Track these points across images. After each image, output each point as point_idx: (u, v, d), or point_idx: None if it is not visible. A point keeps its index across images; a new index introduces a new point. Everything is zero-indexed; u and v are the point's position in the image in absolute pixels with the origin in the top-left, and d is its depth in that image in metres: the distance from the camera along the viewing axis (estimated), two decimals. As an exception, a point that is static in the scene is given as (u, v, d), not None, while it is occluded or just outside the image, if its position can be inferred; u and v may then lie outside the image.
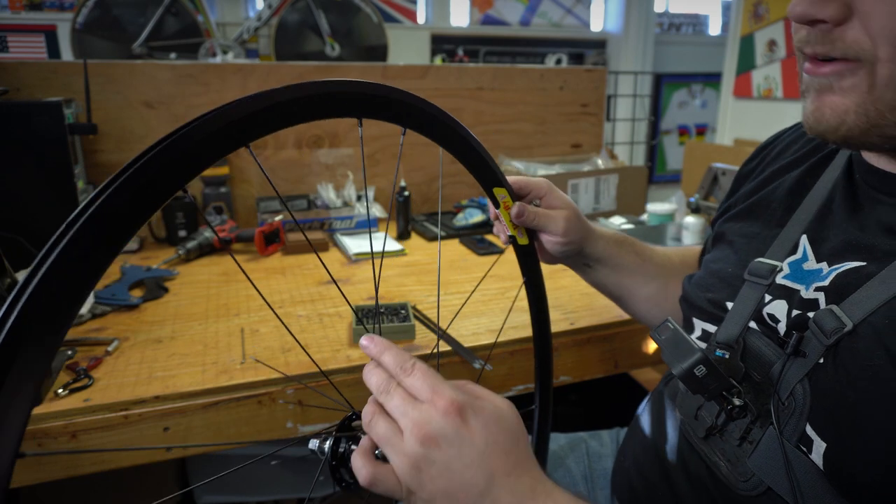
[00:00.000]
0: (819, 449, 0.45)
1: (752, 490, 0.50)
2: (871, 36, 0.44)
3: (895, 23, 0.43)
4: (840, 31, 0.45)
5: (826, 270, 0.52)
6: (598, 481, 0.81)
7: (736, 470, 0.52)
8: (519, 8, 4.03)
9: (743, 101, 2.99)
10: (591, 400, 1.52)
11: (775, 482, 0.48)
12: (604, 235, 0.75)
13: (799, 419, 0.47)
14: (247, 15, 3.38)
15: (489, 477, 0.42)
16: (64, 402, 0.73)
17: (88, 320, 0.97)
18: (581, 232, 0.70)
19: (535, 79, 1.76)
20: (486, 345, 0.90)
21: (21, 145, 1.15)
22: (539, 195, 0.69)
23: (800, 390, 0.47)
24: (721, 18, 4.51)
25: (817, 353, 0.47)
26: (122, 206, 0.34)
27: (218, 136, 0.38)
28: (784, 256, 0.56)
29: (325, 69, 1.54)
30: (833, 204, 0.56)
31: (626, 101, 3.89)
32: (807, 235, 0.56)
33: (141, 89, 1.39)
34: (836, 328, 0.46)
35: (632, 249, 0.77)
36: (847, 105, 0.46)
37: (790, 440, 0.47)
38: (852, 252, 0.51)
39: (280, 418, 0.80)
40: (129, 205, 0.34)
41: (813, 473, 0.46)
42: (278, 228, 1.34)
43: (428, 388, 0.43)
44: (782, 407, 0.49)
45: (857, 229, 0.52)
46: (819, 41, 0.47)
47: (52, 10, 3.03)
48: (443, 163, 1.71)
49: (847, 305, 0.47)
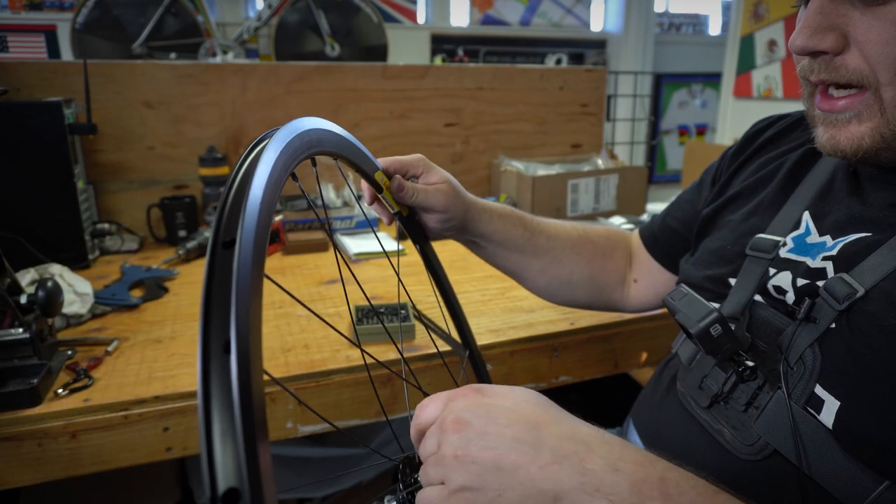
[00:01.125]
0: (832, 408, 0.47)
1: (757, 455, 0.51)
2: (869, 63, 0.47)
3: (888, 48, 0.45)
4: (841, 59, 0.48)
5: (831, 242, 0.53)
6: None
7: (741, 435, 0.53)
8: (519, 8, 4.03)
9: (743, 101, 2.99)
10: (591, 400, 1.52)
11: (781, 444, 0.50)
12: (488, 210, 0.73)
13: (808, 381, 0.49)
14: (247, 15, 3.38)
15: (533, 427, 0.40)
16: (64, 402, 0.73)
17: (88, 320, 0.97)
18: (461, 207, 0.69)
19: (535, 79, 1.76)
20: (487, 345, 0.91)
21: (21, 145, 1.15)
22: (416, 173, 0.68)
23: (809, 354, 0.49)
24: (721, 18, 4.51)
25: (829, 319, 0.49)
26: None
27: None
28: (786, 232, 0.58)
29: (325, 69, 1.54)
30: (835, 183, 0.58)
31: (626, 101, 3.89)
32: (809, 211, 0.58)
33: (141, 89, 1.39)
34: (848, 294, 0.48)
35: (519, 224, 0.76)
36: (863, 132, 0.49)
37: (798, 402, 0.49)
38: (856, 224, 0.53)
39: (280, 418, 0.80)
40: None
41: (820, 433, 0.47)
42: (278, 228, 1.34)
43: (442, 398, 0.43)
44: (790, 371, 0.50)
45: (860, 204, 0.54)
46: (823, 70, 0.49)
47: (52, 10, 3.03)
48: (443, 163, 1.71)
49: (857, 273, 0.49)
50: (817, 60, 0.49)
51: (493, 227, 0.74)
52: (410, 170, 0.68)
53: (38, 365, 0.75)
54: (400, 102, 1.63)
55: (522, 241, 0.76)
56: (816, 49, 0.48)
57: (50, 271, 1.02)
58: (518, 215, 0.77)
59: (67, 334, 0.91)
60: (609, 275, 0.82)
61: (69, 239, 1.21)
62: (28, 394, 0.71)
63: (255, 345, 0.29)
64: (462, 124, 1.71)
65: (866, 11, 0.46)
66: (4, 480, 0.70)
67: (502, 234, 0.74)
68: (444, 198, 0.67)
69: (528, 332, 0.94)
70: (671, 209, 0.81)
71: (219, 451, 0.26)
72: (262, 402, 0.29)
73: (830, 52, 0.48)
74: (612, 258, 0.83)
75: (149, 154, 1.43)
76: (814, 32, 0.48)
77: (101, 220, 1.39)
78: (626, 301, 0.84)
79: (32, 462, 0.71)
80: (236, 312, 0.29)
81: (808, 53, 0.49)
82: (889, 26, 0.45)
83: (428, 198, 0.66)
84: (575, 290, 0.81)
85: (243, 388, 0.27)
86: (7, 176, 1.15)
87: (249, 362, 0.28)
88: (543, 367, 0.95)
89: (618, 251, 0.84)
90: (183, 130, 1.45)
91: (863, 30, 0.46)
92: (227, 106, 1.47)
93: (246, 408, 0.27)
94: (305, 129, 0.45)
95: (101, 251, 1.32)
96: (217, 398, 0.27)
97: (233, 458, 0.26)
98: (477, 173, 1.76)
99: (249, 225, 0.32)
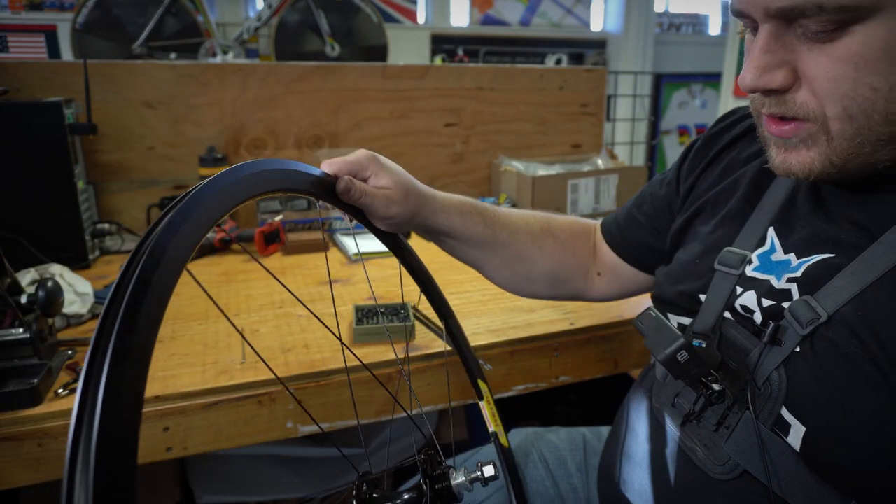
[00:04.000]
0: (798, 433, 0.48)
1: (728, 474, 0.52)
2: (818, 97, 0.47)
3: (836, 85, 0.45)
4: (791, 95, 0.48)
5: (795, 262, 0.54)
6: (592, 474, 0.82)
7: (712, 455, 0.54)
8: (519, 8, 4.03)
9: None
10: (591, 399, 1.52)
11: (751, 464, 0.51)
12: (445, 207, 0.71)
13: (774, 404, 0.49)
14: (247, 15, 3.38)
15: None
16: (64, 402, 0.73)
17: (88, 320, 0.97)
18: (409, 211, 0.66)
19: (535, 79, 1.76)
20: (486, 345, 0.91)
21: (21, 145, 1.15)
22: (364, 175, 0.65)
23: (776, 377, 0.50)
24: (721, 18, 4.51)
25: (793, 343, 0.50)
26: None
27: None
28: (752, 247, 0.58)
29: (325, 69, 1.54)
30: (797, 196, 0.58)
31: (626, 101, 3.89)
32: (774, 228, 0.58)
33: (141, 89, 1.39)
34: (811, 319, 0.49)
35: (479, 219, 0.74)
36: (812, 157, 0.49)
37: (766, 424, 0.50)
38: (820, 244, 0.53)
39: (280, 418, 0.80)
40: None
41: (788, 455, 0.48)
42: (278, 228, 1.34)
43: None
44: (758, 392, 0.51)
45: (823, 221, 0.54)
46: (775, 104, 0.50)
47: (52, 10, 3.03)
48: (443, 163, 1.71)
49: (820, 296, 0.49)
50: (768, 97, 0.50)
51: (452, 224, 0.72)
52: (359, 171, 0.64)
53: (39, 365, 0.75)
54: (400, 102, 1.63)
55: (482, 236, 0.74)
56: (766, 88, 0.48)
57: (50, 271, 1.02)
58: (479, 209, 0.75)
59: (67, 334, 0.91)
60: (570, 270, 0.81)
61: (69, 239, 1.21)
62: (28, 394, 0.72)
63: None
64: (462, 124, 1.71)
65: (813, 48, 0.46)
66: (4, 480, 0.70)
67: (461, 230, 0.72)
68: (386, 203, 0.64)
69: (528, 332, 0.94)
70: (636, 202, 0.80)
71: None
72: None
73: (781, 88, 0.48)
74: (575, 252, 0.81)
75: (149, 154, 1.43)
76: (763, 72, 0.48)
77: (102, 220, 1.39)
78: (591, 292, 0.83)
79: (32, 462, 0.71)
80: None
81: (758, 91, 0.49)
82: (836, 63, 0.45)
83: (370, 201, 0.63)
84: (535, 284, 0.80)
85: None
86: (7, 176, 1.15)
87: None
88: (543, 367, 0.95)
89: (580, 244, 0.82)
90: (183, 130, 1.45)
91: (811, 66, 0.46)
92: (227, 106, 1.47)
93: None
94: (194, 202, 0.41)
95: (101, 251, 1.32)
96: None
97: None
98: (477, 173, 1.76)
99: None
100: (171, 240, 0.36)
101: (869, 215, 0.51)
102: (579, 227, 0.84)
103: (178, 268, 0.36)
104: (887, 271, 0.47)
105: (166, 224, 0.37)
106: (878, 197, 0.51)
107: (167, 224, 0.37)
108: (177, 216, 0.38)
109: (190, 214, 0.39)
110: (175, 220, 0.38)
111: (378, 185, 0.65)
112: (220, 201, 0.43)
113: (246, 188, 0.47)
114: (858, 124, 0.46)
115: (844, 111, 0.46)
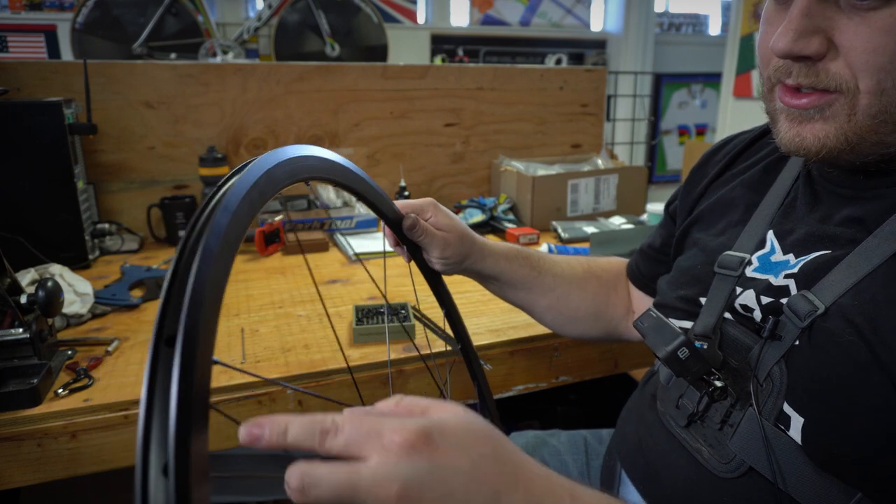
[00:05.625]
0: (797, 424, 0.48)
1: (734, 472, 0.52)
2: (852, 69, 0.46)
3: (875, 57, 0.44)
4: (823, 64, 0.47)
5: (794, 261, 0.54)
6: (595, 478, 0.82)
7: (717, 454, 0.54)
8: (519, 8, 4.03)
9: (743, 101, 2.99)
10: (591, 399, 1.52)
11: (756, 461, 0.50)
12: (494, 253, 0.75)
13: (777, 398, 0.49)
14: (247, 15, 3.38)
15: (494, 496, 0.34)
16: (64, 402, 0.73)
17: (88, 320, 0.97)
18: (462, 253, 0.71)
19: (535, 79, 1.76)
20: (487, 345, 0.91)
21: (21, 145, 1.15)
22: (425, 217, 0.70)
23: (777, 371, 0.50)
24: (721, 18, 4.51)
25: (792, 336, 0.49)
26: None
27: None
28: (752, 250, 0.59)
29: (325, 69, 1.54)
30: (795, 200, 0.59)
31: (626, 101, 3.89)
32: (773, 230, 0.58)
33: (141, 89, 1.39)
34: (809, 311, 0.49)
35: (526, 263, 0.78)
36: (828, 131, 0.48)
37: (769, 419, 0.50)
38: (816, 243, 0.53)
39: (280, 418, 0.80)
40: None
41: (792, 449, 0.48)
42: (278, 228, 1.34)
43: (367, 434, 0.33)
44: (760, 388, 0.51)
45: (819, 221, 0.55)
46: (804, 74, 0.48)
47: (52, 10, 3.03)
48: (443, 163, 1.71)
49: (818, 290, 0.50)
50: (798, 64, 0.48)
51: (500, 269, 0.76)
52: (422, 213, 0.69)
53: (38, 365, 0.75)
54: (400, 102, 1.63)
55: (529, 280, 0.78)
56: (801, 54, 0.47)
57: (50, 271, 1.02)
58: (525, 254, 0.78)
59: (67, 334, 0.91)
60: (614, 308, 0.83)
61: (69, 239, 1.21)
62: (28, 394, 0.71)
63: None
64: (462, 124, 1.71)
65: (854, 16, 0.45)
66: (4, 480, 0.70)
67: (509, 273, 0.77)
68: (443, 244, 0.69)
69: (528, 332, 0.94)
70: (650, 238, 0.82)
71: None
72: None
73: (814, 56, 0.47)
74: (617, 291, 0.84)
75: (149, 154, 1.43)
76: (799, 36, 0.46)
77: (102, 220, 1.39)
78: (630, 332, 0.85)
79: (32, 462, 0.71)
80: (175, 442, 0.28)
81: (791, 57, 0.48)
82: (878, 34, 0.44)
83: (429, 241, 0.68)
84: (581, 325, 0.82)
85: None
86: (7, 176, 1.15)
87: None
88: (543, 367, 0.95)
89: (621, 283, 0.85)
90: (183, 130, 1.45)
91: (849, 35, 0.45)
92: (227, 106, 1.47)
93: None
94: (290, 157, 0.45)
95: (101, 251, 1.32)
96: None
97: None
98: (477, 173, 1.76)
99: (193, 318, 0.30)
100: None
101: (866, 210, 0.51)
102: (619, 267, 0.86)
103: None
104: (884, 261, 0.47)
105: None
106: (874, 192, 0.51)
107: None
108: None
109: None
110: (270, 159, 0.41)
111: (438, 226, 0.70)
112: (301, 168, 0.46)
113: (341, 172, 0.53)
114: (887, 101, 0.45)
115: (878, 85, 0.45)
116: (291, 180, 0.44)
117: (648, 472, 0.62)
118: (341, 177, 0.53)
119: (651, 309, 0.56)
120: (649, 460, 0.62)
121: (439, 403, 0.37)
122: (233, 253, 0.35)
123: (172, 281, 0.32)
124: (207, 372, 0.30)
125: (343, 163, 0.53)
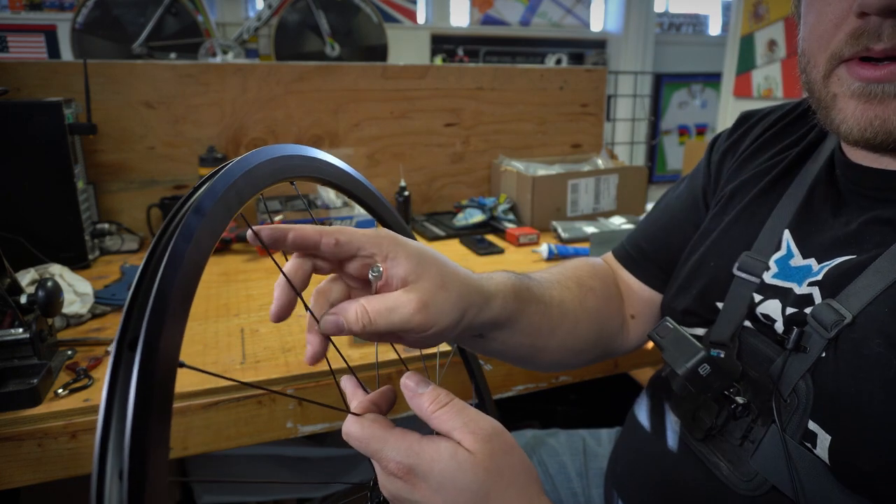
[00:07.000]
0: (824, 443, 0.44)
1: (755, 490, 0.49)
2: None
3: None
4: None
5: (816, 266, 0.51)
6: (593, 479, 0.82)
7: (738, 470, 0.51)
8: (519, 8, 4.03)
9: (743, 101, 2.99)
10: (590, 400, 1.52)
11: (779, 480, 0.47)
12: (500, 293, 0.50)
13: (802, 415, 0.46)
14: (247, 15, 3.38)
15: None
16: (64, 402, 0.73)
17: (88, 320, 0.97)
18: (460, 307, 0.45)
19: (535, 79, 1.76)
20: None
21: (21, 145, 1.15)
22: (368, 254, 0.44)
23: (802, 386, 0.46)
24: (721, 18, 4.51)
25: (819, 348, 0.46)
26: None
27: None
28: (769, 252, 0.55)
29: (325, 69, 1.54)
30: (815, 200, 0.55)
31: (626, 101, 3.89)
32: (790, 231, 0.55)
33: (141, 89, 1.39)
34: (836, 321, 0.45)
35: (530, 296, 0.55)
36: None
37: (794, 437, 0.47)
38: (841, 247, 0.50)
39: (280, 418, 0.80)
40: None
41: (818, 469, 0.45)
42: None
43: (374, 452, 0.42)
44: (784, 404, 0.48)
45: (843, 224, 0.51)
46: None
47: (52, 10, 3.03)
48: (443, 163, 1.71)
49: (844, 297, 0.46)
50: (889, 21, 0.40)
51: (509, 312, 0.52)
52: (360, 250, 0.44)
53: (38, 365, 0.75)
54: (400, 102, 1.63)
55: (540, 319, 0.57)
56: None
57: (50, 271, 1.02)
58: (526, 285, 0.56)
59: (67, 334, 0.91)
60: (613, 320, 0.69)
61: (69, 239, 1.21)
62: (28, 394, 0.71)
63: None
64: (462, 124, 1.71)
65: None
66: (4, 480, 0.70)
67: (519, 315, 0.53)
68: (419, 308, 0.42)
69: (528, 332, 0.94)
70: (650, 221, 0.73)
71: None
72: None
73: None
74: (612, 299, 0.70)
75: (149, 154, 1.43)
76: None
77: (101, 220, 1.39)
78: (627, 341, 0.73)
79: (32, 462, 0.71)
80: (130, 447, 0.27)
81: (892, 9, 0.40)
82: None
83: (392, 316, 0.42)
84: (584, 355, 0.67)
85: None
86: (7, 176, 1.15)
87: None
88: (543, 367, 0.94)
89: (611, 287, 0.71)
90: (183, 130, 1.45)
91: None
92: (227, 106, 1.47)
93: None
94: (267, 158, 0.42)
95: (101, 251, 1.32)
96: None
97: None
98: (477, 173, 1.76)
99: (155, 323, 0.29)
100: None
101: (895, 212, 0.47)
102: (602, 271, 0.72)
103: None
104: None
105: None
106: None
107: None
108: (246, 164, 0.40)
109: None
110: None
111: (396, 275, 0.43)
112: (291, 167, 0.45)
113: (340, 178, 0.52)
114: None
115: None
116: (273, 180, 0.42)
117: (660, 481, 0.59)
118: (329, 175, 0.50)
119: (667, 319, 0.52)
120: (664, 476, 0.59)
121: (462, 428, 0.40)
122: (205, 255, 0.34)
123: (139, 284, 0.32)
124: (171, 376, 0.30)
125: (331, 160, 0.50)
